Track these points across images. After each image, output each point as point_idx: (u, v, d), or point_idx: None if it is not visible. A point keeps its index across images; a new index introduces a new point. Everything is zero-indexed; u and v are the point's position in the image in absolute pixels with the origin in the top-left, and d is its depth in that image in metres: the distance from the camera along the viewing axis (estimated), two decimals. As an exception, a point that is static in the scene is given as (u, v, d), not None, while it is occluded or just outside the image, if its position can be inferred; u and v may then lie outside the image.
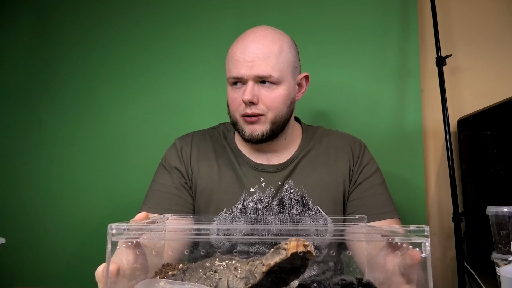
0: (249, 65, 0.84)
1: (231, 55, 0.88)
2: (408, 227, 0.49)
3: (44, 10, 1.57)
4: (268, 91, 0.86)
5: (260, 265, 0.48)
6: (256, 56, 0.84)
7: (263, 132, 0.87)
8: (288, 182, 0.92)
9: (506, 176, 1.05)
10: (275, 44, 0.86)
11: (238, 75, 0.85)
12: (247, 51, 0.85)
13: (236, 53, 0.86)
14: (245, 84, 0.86)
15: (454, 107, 1.35)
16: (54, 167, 1.46)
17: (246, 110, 0.86)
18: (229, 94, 0.90)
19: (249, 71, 0.84)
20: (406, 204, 1.28)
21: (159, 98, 1.46)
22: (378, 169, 0.95)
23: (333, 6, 1.42)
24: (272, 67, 0.84)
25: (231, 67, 0.87)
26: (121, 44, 1.51)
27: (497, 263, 0.74)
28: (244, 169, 0.93)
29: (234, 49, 0.88)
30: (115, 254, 0.49)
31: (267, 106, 0.86)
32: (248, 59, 0.84)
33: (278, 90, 0.86)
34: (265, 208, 0.90)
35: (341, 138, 0.99)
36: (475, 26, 1.40)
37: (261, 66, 0.83)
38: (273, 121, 0.88)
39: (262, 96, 0.85)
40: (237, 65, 0.85)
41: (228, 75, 0.88)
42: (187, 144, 0.97)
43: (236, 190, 0.91)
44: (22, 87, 1.53)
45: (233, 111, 0.89)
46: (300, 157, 0.95)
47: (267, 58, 0.84)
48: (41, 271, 1.42)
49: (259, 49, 0.84)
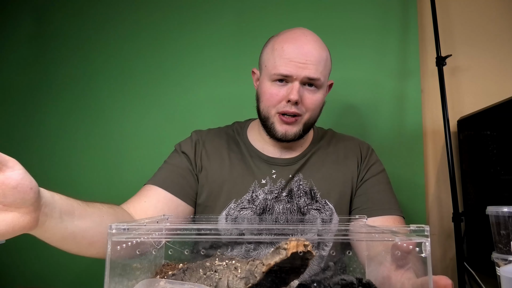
0: (301, 66, 0.85)
1: (279, 52, 0.88)
2: (408, 227, 0.49)
3: (45, 12, 1.57)
4: (310, 94, 0.89)
5: (260, 265, 0.48)
6: (309, 58, 0.86)
7: (296, 133, 0.90)
8: (298, 175, 0.95)
9: (506, 176, 1.05)
10: (324, 51, 0.90)
11: (288, 73, 0.86)
12: (301, 52, 0.86)
13: (288, 51, 0.87)
14: (289, 83, 0.88)
15: (454, 107, 1.35)
16: (55, 168, 1.46)
17: (287, 108, 0.87)
18: (268, 88, 0.90)
19: (300, 72, 0.86)
20: (406, 204, 1.28)
21: (160, 98, 1.46)
22: (384, 170, 0.99)
23: (333, 6, 1.42)
24: (320, 71, 0.88)
25: (279, 64, 0.87)
26: (121, 45, 1.51)
27: (497, 263, 0.74)
28: (256, 162, 0.96)
29: (284, 46, 0.88)
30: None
31: (306, 108, 0.89)
32: (301, 60, 0.86)
33: (318, 94, 0.90)
34: (274, 199, 0.92)
35: (350, 140, 1.03)
36: (475, 26, 1.40)
37: (312, 69, 0.86)
38: (306, 122, 0.91)
39: (304, 98, 0.88)
40: (288, 64, 0.86)
41: (273, 71, 0.88)
42: (202, 137, 1.00)
43: (246, 182, 0.93)
44: (23, 88, 1.53)
45: (270, 106, 0.90)
46: (311, 153, 0.98)
47: (319, 62, 0.87)
48: (41, 271, 1.42)
49: (312, 52, 0.87)
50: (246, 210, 0.91)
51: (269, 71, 0.89)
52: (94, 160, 1.45)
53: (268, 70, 0.90)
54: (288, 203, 0.92)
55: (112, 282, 0.47)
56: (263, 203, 0.91)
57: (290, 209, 0.91)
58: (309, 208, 0.92)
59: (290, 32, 0.91)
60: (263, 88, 0.91)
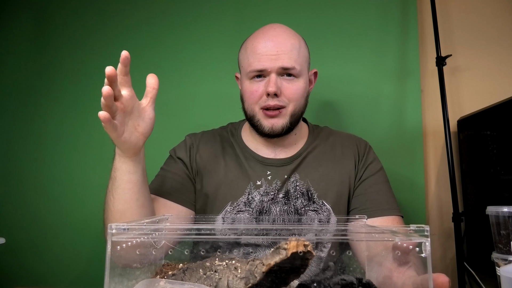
0: (273, 58, 0.86)
1: (251, 50, 0.89)
2: (408, 227, 0.49)
3: (44, 11, 1.56)
4: (289, 83, 0.89)
5: (260, 265, 0.48)
6: (280, 49, 0.86)
7: (283, 126, 0.90)
8: (294, 176, 0.94)
9: (506, 176, 1.05)
10: (295, 39, 0.90)
11: (262, 68, 0.87)
12: (270, 45, 0.87)
13: (258, 47, 0.88)
14: (266, 77, 0.88)
15: (454, 107, 1.35)
16: (55, 167, 1.46)
17: (268, 102, 0.87)
18: (248, 87, 0.90)
19: (273, 63, 0.86)
20: (406, 204, 1.28)
21: (160, 98, 1.45)
22: (382, 168, 0.97)
23: (333, 7, 1.42)
24: (294, 60, 0.87)
25: (252, 61, 0.88)
26: (121, 45, 1.51)
27: (497, 263, 0.74)
28: (251, 163, 0.95)
29: (254, 43, 0.89)
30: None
31: (288, 98, 0.89)
32: (272, 52, 0.86)
33: (298, 82, 0.89)
34: (271, 201, 0.91)
35: (347, 138, 1.02)
36: (475, 26, 1.40)
37: (285, 59, 0.86)
38: (292, 113, 0.90)
39: (284, 88, 0.88)
40: (260, 58, 0.87)
41: (248, 69, 0.89)
42: (195, 141, 0.99)
43: (241, 184, 0.93)
44: (23, 88, 1.52)
45: (252, 103, 0.90)
46: (306, 152, 0.97)
47: (291, 51, 0.87)
48: (41, 271, 1.41)
49: (282, 43, 0.87)
50: (242, 213, 0.90)
51: (245, 70, 0.90)
52: (94, 160, 1.45)
53: (245, 69, 0.91)
54: (285, 204, 0.91)
55: (112, 282, 0.47)
56: (260, 205, 0.90)
57: (287, 211, 0.90)
58: (307, 209, 0.91)
59: (260, 30, 0.92)
60: (244, 87, 0.92)
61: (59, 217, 1.43)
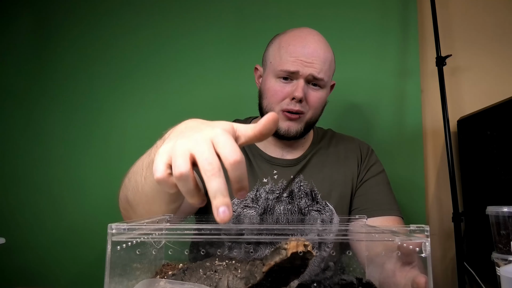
0: (307, 65, 0.86)
1: (287, 49, 0.88)
2: (408, 227, 0.49)
3: (44, 11, 1.56)
4: (314, 92, 0.90)
5: (260, 265, 0.48)
6: (316, 57, 0.87)
7: (297, 130, 0.91)
8: (299, 176, 0.95)
9: (506, 176, 1.05)
10: (329, 52, 0.91)
11: (294, 70, 0.86)
12: (307, 51, 0.87)
13: (295, 49, 0.87)
14: (294, 80, 0.88)
15: (454, 107, 1.35)
16: (54, 167, 1.46)
17: (291, 106, 0.88)
18: (272, 85, 0.90)
19: (306, 70, 0.86)
20: (406, 204, 1.28)
21: (160, 98, 1.46)
22: (384, 171, 0.99)
23: (333, 6, 1.42)
24: (325, 72, 0.88)
25: (286, 60, 0.87)
26: (121, 45, 1.51)
27: (497, 263, 0.74)
28: (258, 161, 0.96)
29: (291, 44, 0.88)
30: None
31: (310, 106, 0.90)
32: (308, 58, 0.86)
33: (321, 93, 0.91)
34: (276, 199, 0.92)
35: (350, 141, 1.04)
36: (475, 26, 1.40)
37: (318, 68, 0.87)
38: (308, 121, 0.92)
39: (308, 95, 0.89)
40: (295, 61, 0.86)
41: (279, 68, 0.88)
42: None
43: (250, 180, 0.93)
44: (22, 88, 1.52)
45: (273, 102, 0.90)
46: (311, 154, 0.99)
47: (324, 63, 0.88)
48: (41, 271, 1.41)
49: (320, 52, 0.88)
50: (249, 209, 0.91)
51: (274, 68, 0.89)
52: (94, 160, 1.45)
53: (274, 66, 0.90)
54: (289, 204, 0.92)
55: (112, 282, 0.47)
56: (265, 202, 0.91)
57: (291, 210, 0.92)
58: (310, 209, 0.92)
59: (297, 31, 0.91)
60: (267, 84, 0.91)
61: (59, 217, 1.43)
